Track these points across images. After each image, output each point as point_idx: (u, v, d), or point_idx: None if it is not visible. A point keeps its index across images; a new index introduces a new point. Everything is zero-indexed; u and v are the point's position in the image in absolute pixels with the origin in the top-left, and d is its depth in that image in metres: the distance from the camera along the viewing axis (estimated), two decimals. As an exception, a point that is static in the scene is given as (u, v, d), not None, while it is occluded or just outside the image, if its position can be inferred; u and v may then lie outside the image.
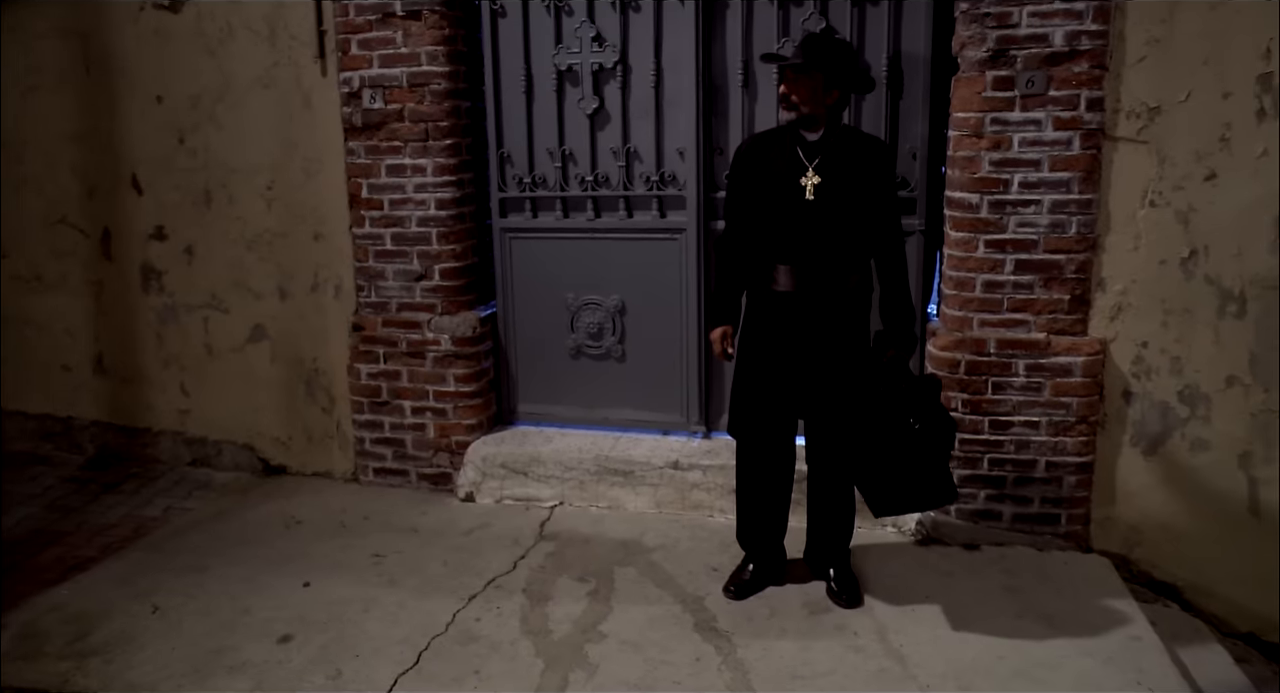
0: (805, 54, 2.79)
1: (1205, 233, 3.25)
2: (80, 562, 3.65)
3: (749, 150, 3.01)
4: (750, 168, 2.97)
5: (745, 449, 3.19)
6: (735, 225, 3.06)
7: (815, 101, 2.83)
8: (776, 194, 2.90)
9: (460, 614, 3.15)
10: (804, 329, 2.96)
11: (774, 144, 2.96)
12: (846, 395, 2.96)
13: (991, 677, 2.74)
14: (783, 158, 2.91)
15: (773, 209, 2.92)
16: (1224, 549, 3.41)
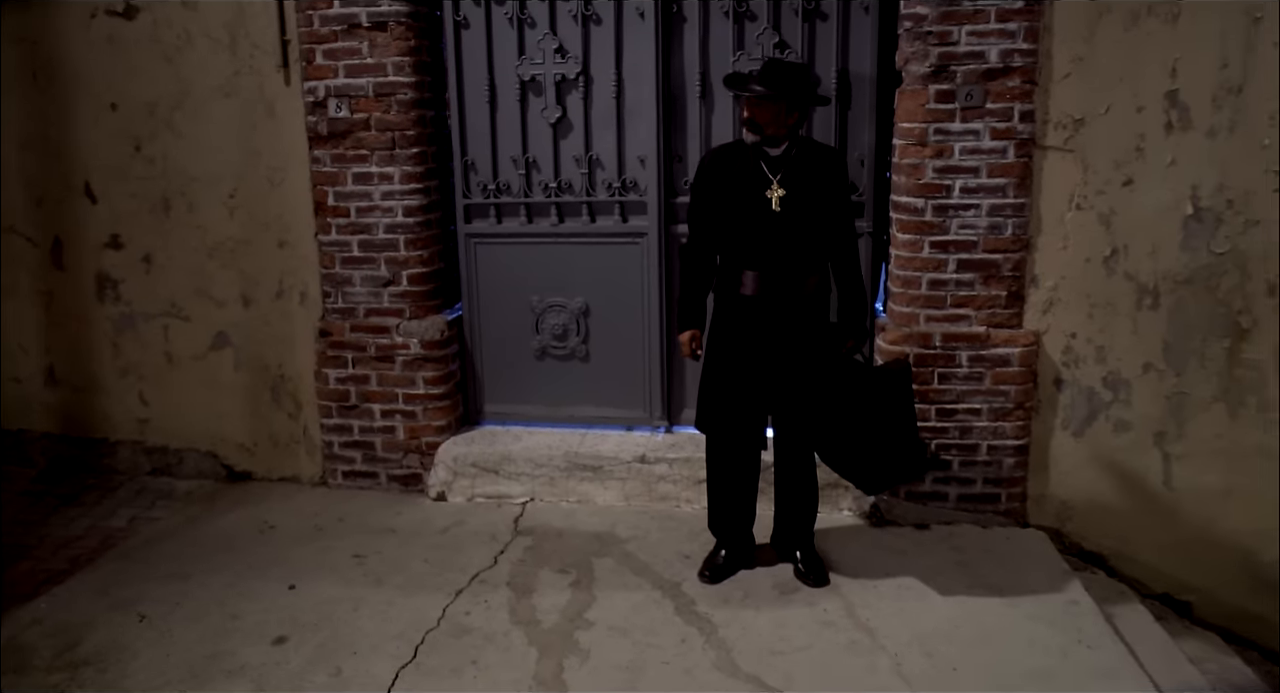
0: (770, 83, 2.98)
1: (1124, 233, 3.58)
2: (51, 575, 3.63)
3: (713, 164, 3.19)
4: (715, 180, 3.16)
5: (715, 443, 3.39)
6: (700, 234, 3.24)
7: (778, 124, 3.03)
8: (743, 206, 3.09)
9: (450, 609, 3.27)
10: (769, 329, 3.16)
11: (737, 158, 3.15)
12: (812, 389, 3.18)
13: (952, 643, 3.00)
14: (747, 172, 3.10)
15: (740, 220, 3.11)
16: (1142, 520, 3.77)
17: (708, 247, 3.21)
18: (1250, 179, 3.46)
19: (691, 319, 3.27)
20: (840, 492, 3.87)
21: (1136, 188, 3.54)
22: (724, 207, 3.12)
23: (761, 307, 3.14)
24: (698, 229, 3.22)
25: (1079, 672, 2.87)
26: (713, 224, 3.17)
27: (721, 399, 3.26)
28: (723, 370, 3.24)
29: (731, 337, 3.20)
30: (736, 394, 3.23)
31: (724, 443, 3.35)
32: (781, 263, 3.11)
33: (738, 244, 3.13)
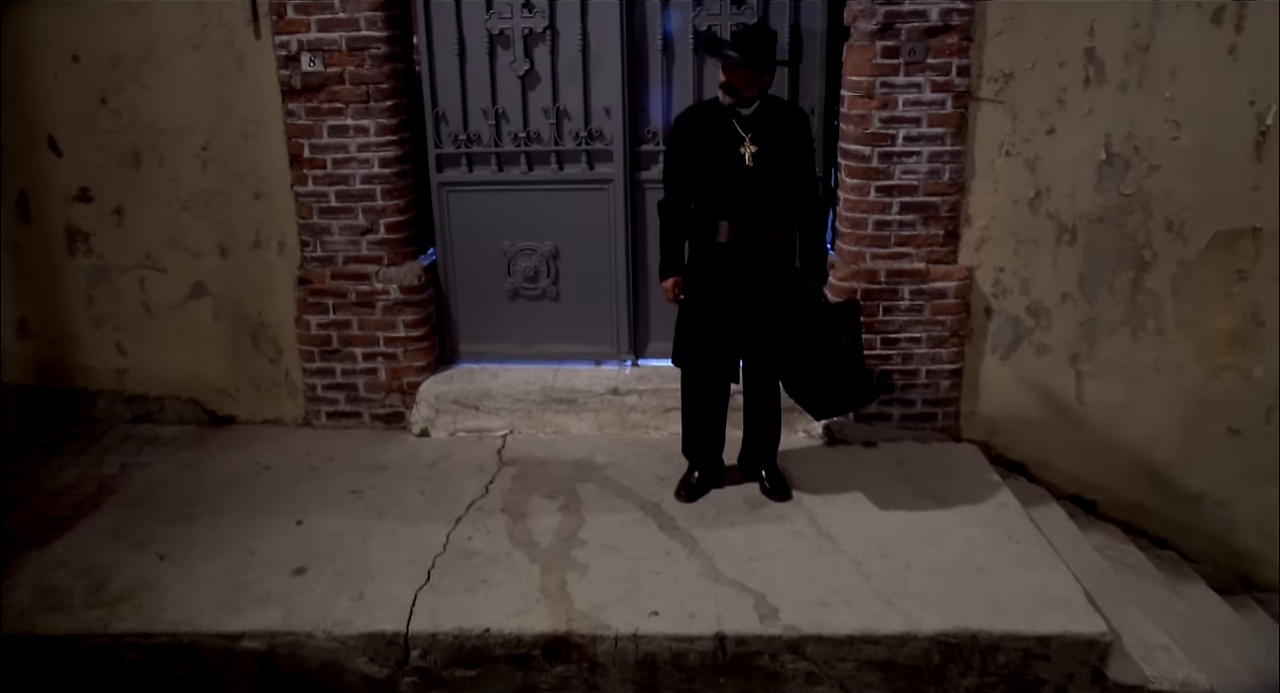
0: (749, 51, 3.23)
1: (1047, 177, 3.99)
2: (55, 522, 3.79)
3: (689, 124, 3.44)
4: (691, 139, 3.41)
5: (690, 377, 3.72)
6: (677, 189, 3.50)
7: (752, 87, 3.29)
8: (719, 162, 3.36)
9: (453, 535, 3.57)
10: (741, 274, 3.48)
11: (711, 117, 3.40)
12: (778, 326, 3.53)
13: (903, 544, 3.45)
14: (721, 130, 3.37)
15: (715, 174, 3.38)
16: (1057, 431, 4.28)
17: (684, 200, 3.48)
18: (1154, 128, 3.89)
19: (673, 267, 3.56)
20: (796, 416, 4.26)
21: (1058, 136, 3.94)
22: (700, 163, 3.39)
23: (734, 253, 3.45)
24: (675, 185, 3.48)
25: (1008, 562, 3.36)
26: (689, 179, 3.43)
27: (697, 337, 3.58)
28: (699, 311, 3.55)
29: (707, 281, 3.51)
30: (711, 332, 3.55)
31: (699, 376, 3.69)
32: (753, 213, 3.41)
33: (713, 197, 3.41)
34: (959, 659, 2.97)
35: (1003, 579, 3.23)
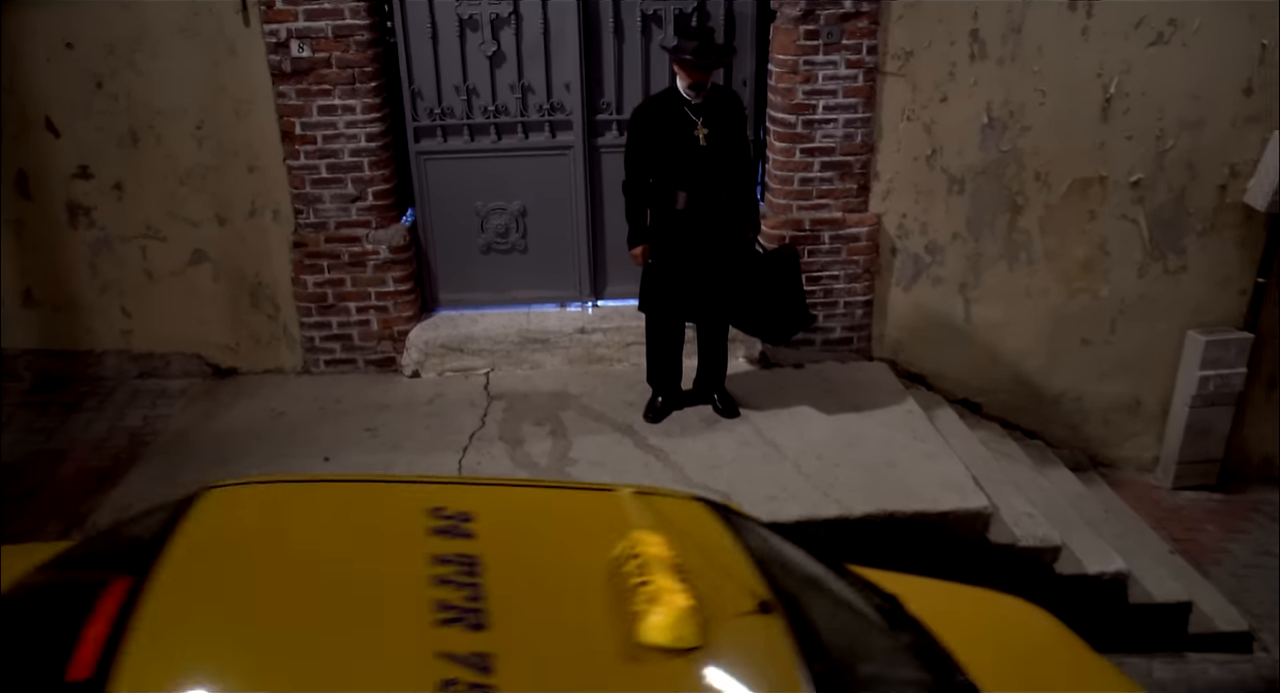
0: (713, 60, 3.89)
1: (940, 138, 4.76)
2: (103, 471, 4.28)
3: (648, 114, 4.04)
4: (651, 127, 4.02)
5: (653, 320, 4.42)
6: (638, 169, 4.10)
7: (707, 81, 3.92)
8: (676, 144, 4.00)
9: (463, 461, 4.24)
10: (695, 234, 4.16)
11: (665, 107, 4.02)
12: (729, 274, 4.24)
13: (832, 447, 4.30)
14: (677, 117, 3.99)
15: (673, 154, 4.02)
16: (950, 348, 5.18)
17: (645, 178, 4.10)
18: (1025, 96, 4.69)
19: (641, 236, 4.20)
20: (735, 346, 5.03)
21: (949, 103, 4.70)
22: (660, 146, 4.01)
23: (689, 218, 4.12)
24: (636, 167, 4.09)
25: (915, 457, 4.25)
26: (649, 160, 4.05)
27: (661, 289, 4.27)
28: (661, 267, 4.23)
29: (667, 241, 4.18)
30: (671, 284, 4.25)
31: (661, 320, 4.40)
32: (705, 184, 4.07)
33: (671, 172, 4.05)
34: (882, 534, 3.85)
35: (911, 471, 4.11)
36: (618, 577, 2.05)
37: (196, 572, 2.04)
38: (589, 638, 1.97)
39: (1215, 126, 4.80)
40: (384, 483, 2.85)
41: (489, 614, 1.92)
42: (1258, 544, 5.07)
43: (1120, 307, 5.17)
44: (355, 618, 1.93)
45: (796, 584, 2.40)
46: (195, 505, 2.25)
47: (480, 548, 2.12)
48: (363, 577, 2.05)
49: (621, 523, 2.30)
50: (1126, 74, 4.69)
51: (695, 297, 4.31)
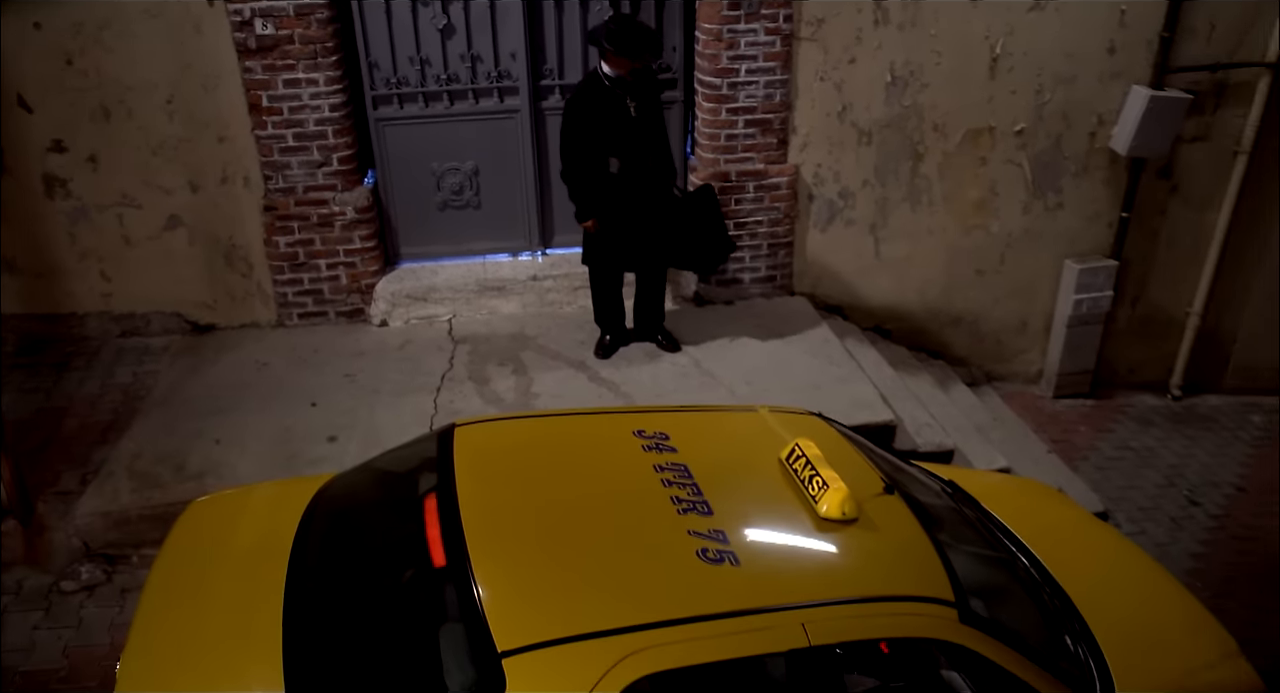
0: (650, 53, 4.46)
1: (850, 95, 5.33)
2: (107, 426, 4.69)
3: (583, 105, 4.49)
4: (588, 114, 4.48)
5: (598, 270, 4.95)
6: (578, 153, 4.54)
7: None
8: (610, 121, 4.48)
9: (438, 400, 4.76)
10: (628, 193, 4.68)
11: (597, 93, 4.49)
12: (660, 221, 4.77)
13: (764, 374, 4.95)
14: (608, 98, 4.47)
15: (608, 130, 4.50)
16: (861, 281, 5.85)
17: (587, 158, 4.56)
18: (923, 57, 5.28)
19: (590, 211, 4.69)
20: (671, 287, 5.60)
21: (857, 64, 5.25)
22: (597, 125, 4.48)
23: (623, 180, 4.63)
24: (576, 150, 4.53)
25: (832, 380, 4.93)
26: (588, 140, 4.51)
27: (602, 243, 4.80)
28: (601, 225, 4.74)
29: (605, 203, 4.69)
30: (611, 238, 4.77)
31: (606, 269, 4.93)
32: (635, 149, 4.58)
33: (606, 145, 4.53)
34: (805, 446, 4.53)
35: (830, 392, 4.79)
36: (789, 471, 2.87)
37: (486, 482, 2.76)
38: (783, 514, 2.76)
39: (1085, 82, 5.47)
40: (590, 415, 3.52)
41: (711, 503, 2.69)
42: (1119, 441, 5.95)
43: (1008, 240, 5.90)
44: (622, 508, 2.72)
45: (893, 472, 3.25)
46: (456, 435, 2.96)
47: (684, 458, 2.88)
48: (614, 481, 2.83)
49: (772, 432, 3.12)
50: (1010, 36, 5.30)
51: (632, 247, 4.85)
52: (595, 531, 2.65)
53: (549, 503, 2.75)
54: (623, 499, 2.76)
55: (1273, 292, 6.25)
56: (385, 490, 3.05)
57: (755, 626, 2.37)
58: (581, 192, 4.68)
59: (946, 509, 3.34)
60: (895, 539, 2.80)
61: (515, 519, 2.68)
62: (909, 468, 3.61)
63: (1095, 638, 3.10)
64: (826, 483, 2.74)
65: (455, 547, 2.51)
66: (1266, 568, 4.89)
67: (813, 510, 2.73)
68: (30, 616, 3.82)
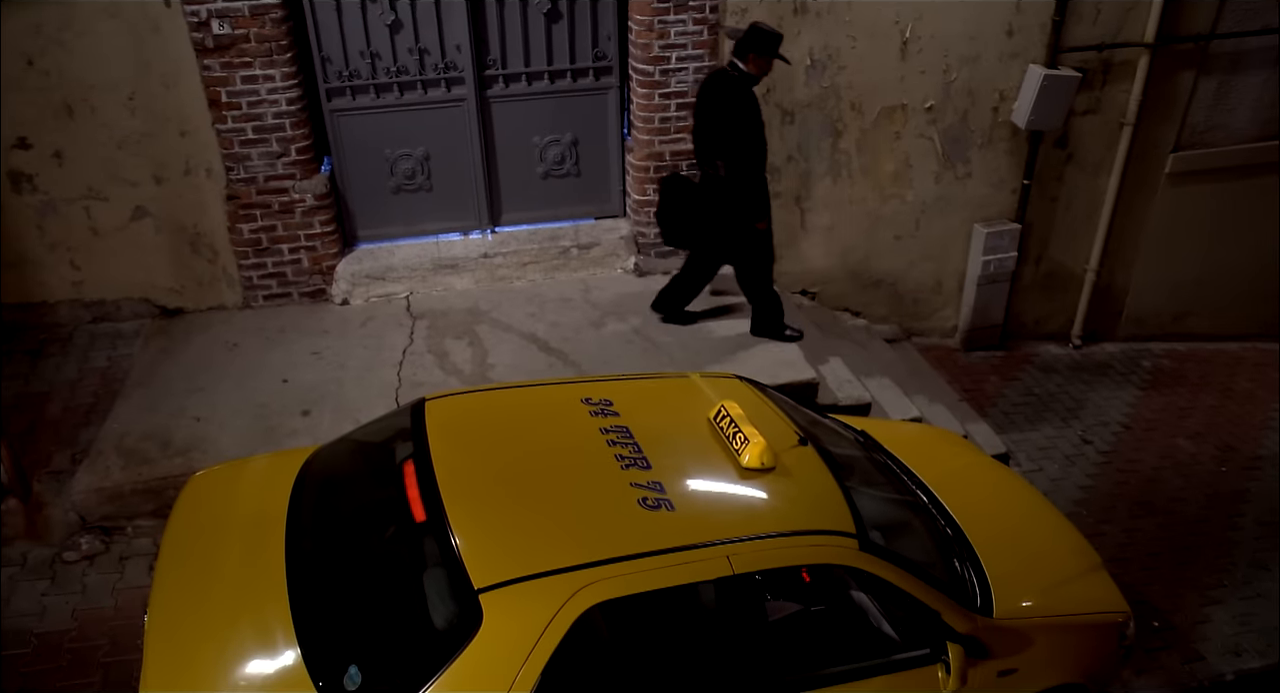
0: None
1: (773, 78, 5.73)
2: (89, 408, 5.00)
3: (750, 95, 4.87)
4: (755, 104, 4.95)
5: (768, 268, 5.43)
6: (757, 142, 4.96)
7: None
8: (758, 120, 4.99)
9: (401, 374, 5.16)
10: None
11: (749, 88, 4.91)
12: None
13: (698, 340, 5.42)
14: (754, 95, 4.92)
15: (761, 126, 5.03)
16: (789, 249, 6.31)
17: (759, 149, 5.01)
18: (840, 42, 5.72)
19: (767, 208, 5.17)
20: (613, 259, 6.04)
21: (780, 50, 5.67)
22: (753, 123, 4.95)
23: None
24: (756, 140, 4.95)
25: (759, 343, 5.42)
26: (759, 131, 4.95)
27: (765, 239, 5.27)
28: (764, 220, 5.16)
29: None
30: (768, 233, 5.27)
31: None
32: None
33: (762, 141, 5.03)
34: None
35: (758, 354, 5.30)
36: (716, 429, 3.35)
37: (457, 448, 3.21)
38: (711, 466, 3.27)
39: (987, 61, 5.97)
40: (544, 386, 3.95)
41: (649, 459, 3.18)
42: (1024, 388, 6.58)
43: (922, 208, 6.42)
44: (574, 465, 3.20)
45: (808, 425, 3.75)
46: (427, 408, 3.39)
47: (626, 421, 3.37)
48: (567, 443, 3.30)
49: (702, 395, 3.64)
50: (919, 21, 5.77)
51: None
52: (552, 485, 3.11)
53: (511, 463, 3.21)
54: (574, 458, 3.22)
55: (1158, 248, 6.90)
56: (367, 458, 3.47)
57: (687, 559, 2.86)
58: (760, 190, 5.00)
59: (856, 456, 3.88)
60: (806, 484, 3.31)
61: (483, 478, 3.13)
62: (825, 421, 4.14)
63: (979, 559, 3.67)
64: (747, 438, 3.24)
65: (433, 503, 2.96)
66: (1140, 495, 5.57)
67: (736, 462, 3.22)
68: (38, 584, 4.18)
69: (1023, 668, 3.50)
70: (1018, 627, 3.49)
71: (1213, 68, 6.32)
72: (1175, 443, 6.16)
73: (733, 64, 4.88)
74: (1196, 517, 5.51)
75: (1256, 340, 7.49)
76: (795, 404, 4.05)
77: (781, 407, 3.78)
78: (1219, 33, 6.15)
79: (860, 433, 4.19)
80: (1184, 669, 4.51)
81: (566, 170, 5.95)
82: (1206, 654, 4.59)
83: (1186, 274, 7.11)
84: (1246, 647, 4.65)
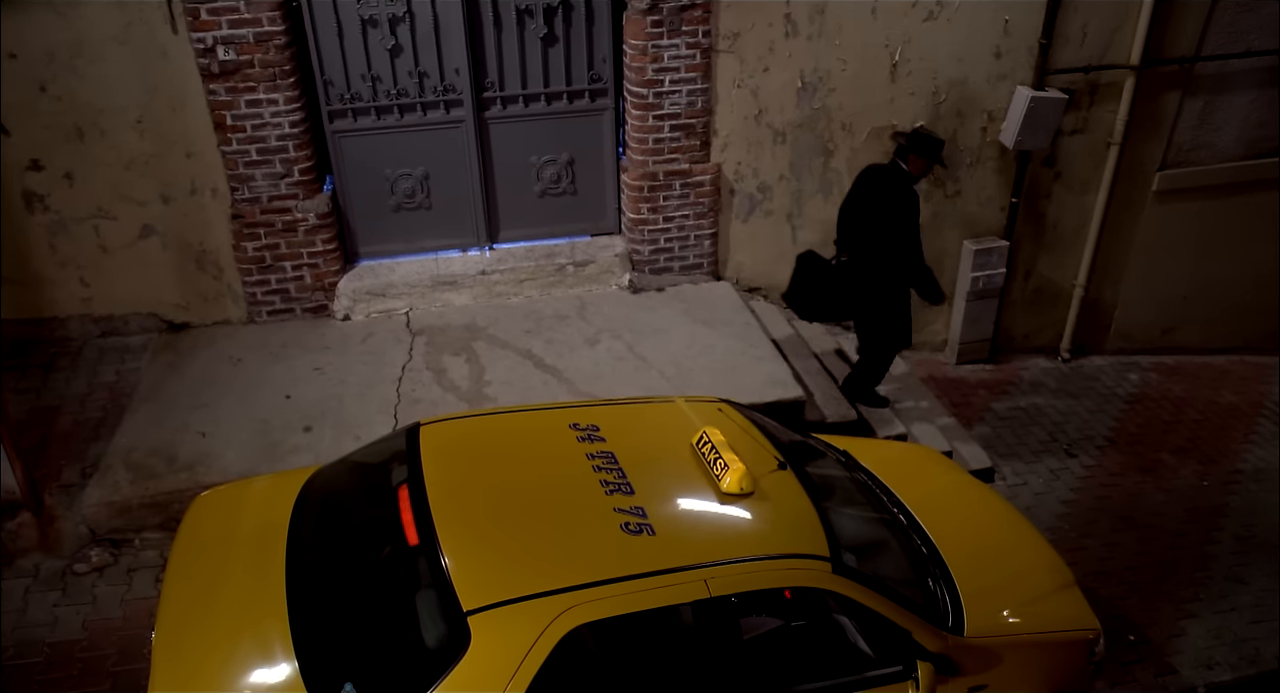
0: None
1: (765, 100, 5.89)
2: (98, 422, 5.17)
3: (914, 193, 5.12)
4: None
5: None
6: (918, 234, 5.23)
7: None
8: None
9: (400, 390, 5.31)
10: None
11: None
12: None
13: (689, 357, 5.57)
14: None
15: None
16: (781, 265, 6.43)
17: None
18: (830, 64, 5.85)
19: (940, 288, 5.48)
20: (608, 275, 6.18)
21: (771, 72, 5.81)
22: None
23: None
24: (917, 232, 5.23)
25: (750, 362, 5.56)
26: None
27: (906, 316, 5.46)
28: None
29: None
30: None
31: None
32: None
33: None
34: (726, 421, 5.18)
35: (747, 372, 5.44)
36: (698, 454, 3.51)
37: (449, 472, 3.36)
38: (693, 491, 3.42)
39: (975, 83, 6.10)
40: (534, 411, 4.08)
41: (633, 485, 3.33)
42: (1012, 402, 6.71)
43: (912, 225, 6.54)
44: (561, 491, 3.34)
45: (790, 446, 3.91)
46: (422, 433, 3.56)
47: (612, 447, 3.52)
48: (554, 469, 3.45)
49: (686, 421, 3.77)
50: (908, 44, 5.89)
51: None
52: (539, 510, 3.26)
53: (501, 488, 3.35)
54: (561, 484, 3.37)
55: (1145, 263, 7.02)
56: (365, 480, 3.62)
57: (666, 583, 3.01)
58: (929, 274, 5.28)
59: (836, 477, 4.02)
60: (784, 507, 3.45)
61: (474, 502, 3.28)
62: (809, 442, 4.28)
63: (953, 578, 3.82)
64: (727, 464, 3.38)
65: (425, 527, 3.11)
66: (1122, 510, 5.70)
67: (716, 487, 3.37)
68: (49, 595, 4.35)
69: (993, 684, 3.64)
70: (988, 645, 3.63)
71: (1198, 89, 6.43)
72: (1159, 458, 6.29)
73: (895, 163, 5.13)
74: (1176, 531, 5.64)
75: (1243, 353, 7.61)
76: (779, 426, 4.19)
77: (764, 430, 3.92)
78: (1203, 55, 6.26)
79: (842, 453, 4.33)
80: (1156, 682, 4.64)
81: (563, 189, 6.10)
82: (1180, 668, 4.73)
83: (1174, 289, 7.23)
84: (1219, 660, 4.78)
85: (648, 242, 6.11)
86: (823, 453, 4.21)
